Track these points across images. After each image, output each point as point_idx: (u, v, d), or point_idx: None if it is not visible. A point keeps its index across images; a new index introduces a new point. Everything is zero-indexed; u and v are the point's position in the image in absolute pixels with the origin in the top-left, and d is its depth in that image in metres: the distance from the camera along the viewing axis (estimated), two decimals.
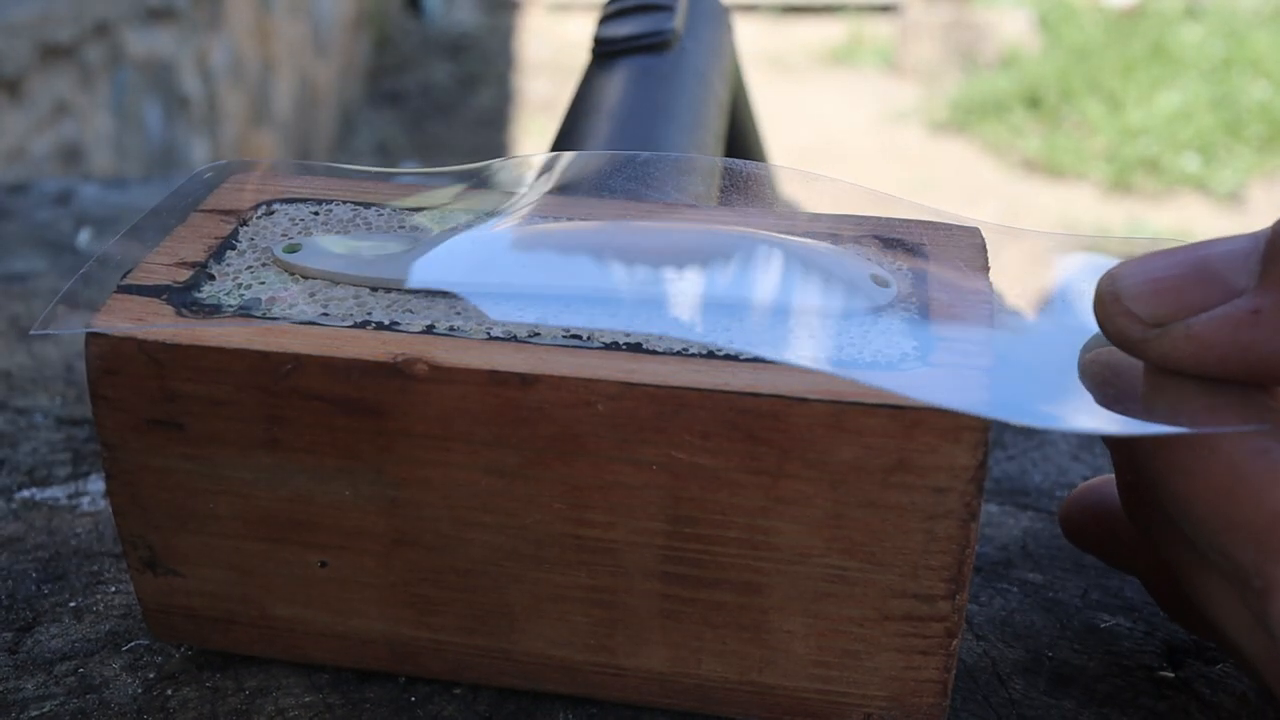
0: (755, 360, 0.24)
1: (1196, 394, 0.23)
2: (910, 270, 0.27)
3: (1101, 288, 0.24)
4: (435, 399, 0.24)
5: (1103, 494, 0.29)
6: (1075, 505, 0.30)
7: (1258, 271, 0.22)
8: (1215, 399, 0.22)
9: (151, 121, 1.74)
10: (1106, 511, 0.29)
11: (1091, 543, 0.30)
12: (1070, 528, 0.30)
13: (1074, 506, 0.30)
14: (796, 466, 0.23)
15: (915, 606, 0.24)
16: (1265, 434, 0.22)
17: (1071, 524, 0.30)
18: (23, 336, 0.44)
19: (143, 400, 0.25)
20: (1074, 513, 0.30)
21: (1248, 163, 3.02)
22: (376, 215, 0.29)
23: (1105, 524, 0.29)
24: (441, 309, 0.25)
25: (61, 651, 0.29)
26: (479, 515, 0.25)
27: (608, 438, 0.23)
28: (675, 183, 0.33)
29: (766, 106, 0.57)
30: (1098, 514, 0.29)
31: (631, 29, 0.42)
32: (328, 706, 0.27)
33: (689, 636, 0.26)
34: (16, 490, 0.35)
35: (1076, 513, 0.29)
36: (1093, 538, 0.29)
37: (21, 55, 1.26)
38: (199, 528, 0.26)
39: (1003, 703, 0.28)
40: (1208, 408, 0.22)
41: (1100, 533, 0.29)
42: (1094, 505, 0.29)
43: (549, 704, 0.27)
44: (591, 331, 0.25)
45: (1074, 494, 0.30)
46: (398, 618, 0.27)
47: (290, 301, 0.25)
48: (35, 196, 0.57)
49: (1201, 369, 0.23)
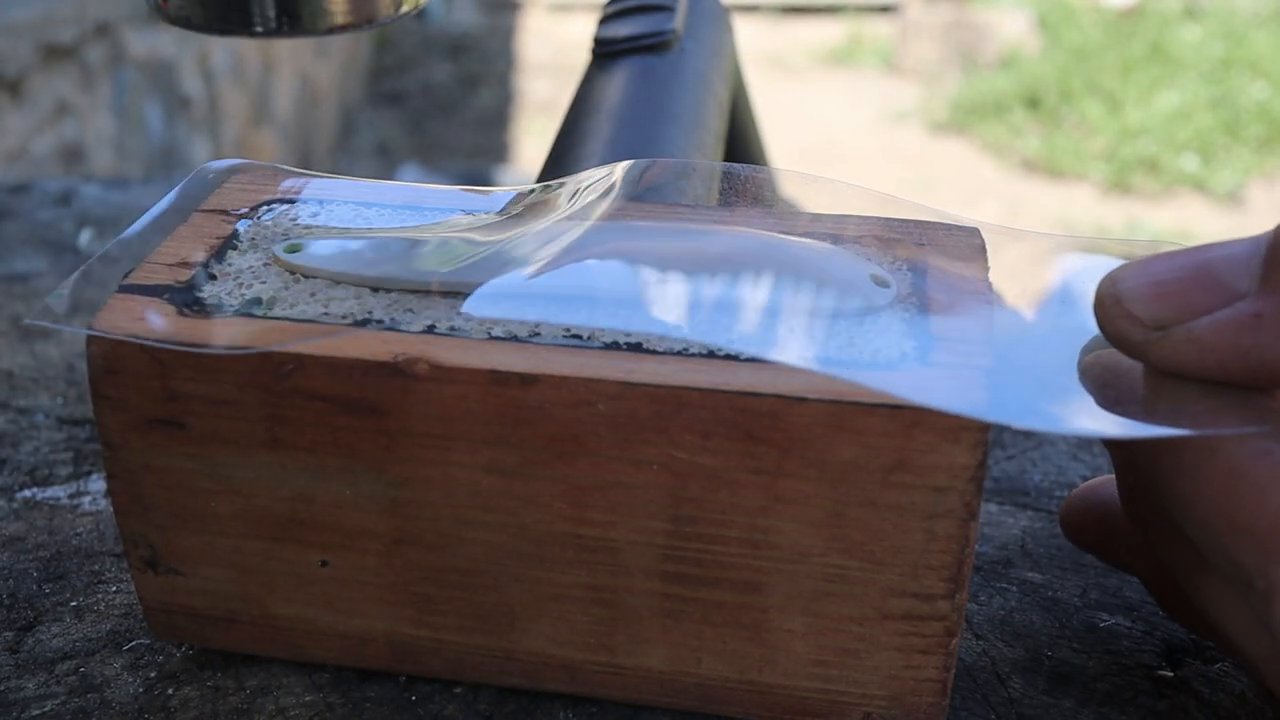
0: (755, 360, 0.24)
1: (1197, 396, 0.23)
2: (910, 270, 0.27)
3: (1102, 290, 0.24)
4: (436, 398, 0.24)
5: (1103, 494, 0.29)
6: (1075, 505, 0.30)
7: (1259, 275, 0.22)
8: (1216, 401, 0.23)
9: (152, 122, 1.74)
10: (1107, 511, 0.29)
11: (1091, 542, 0.30)
12: (1070, 527, 0.30)
13: (1074, 506, 0.30)
14: (796, 466, 0.23)
15: (915, 606, 0.24)
16: (1267, 436, 0.22)
17: (1071, 524, 0.30)
18: (24, 336, 0.44)
19: (144, 400, 0.25)
20: (1074, 512, 0.30)
21: (1246, 163, 3.02)
22: (377, 215, 0.29)
23: (1105, 524, 0.29)
24: (442, 309, 0.25)
25: (62, 651, 0.29)
26: (480, 514, 0.25)
27: (608, 437, 0.24)
28: (674, 184, 0.33)
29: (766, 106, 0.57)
30: (1098, 514, 0.29)
31: (632, 29, 0.42)
32: (328, 706, 0.27)
33: (689, 635, 0.26)
34: (18, 490, 0.35)
35: (1077, 512, 0.30)
36: (1093, 537, 0.30)
37: (23, 55, 1.26)
38: (200, 527, 0.26)
39: (1002, 702, 0.28)
40: (1209, 410, 0.22)
41: (1100, 533, 0.29)
42: (1094, 505, 0.29)
43: (549, 703, 0.27)
44: (592, 331, 0.25)
45: (1074, 494, 0.30)
46: (398, 617, 0.27)
47: (291, 301, 0.25)
48: (36, 196, 0.57)
49: (1202, 372, 0.23)
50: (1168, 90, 3.40)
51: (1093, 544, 0.30)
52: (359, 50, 3.53)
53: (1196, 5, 4.08)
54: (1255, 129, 3.17)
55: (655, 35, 0.41)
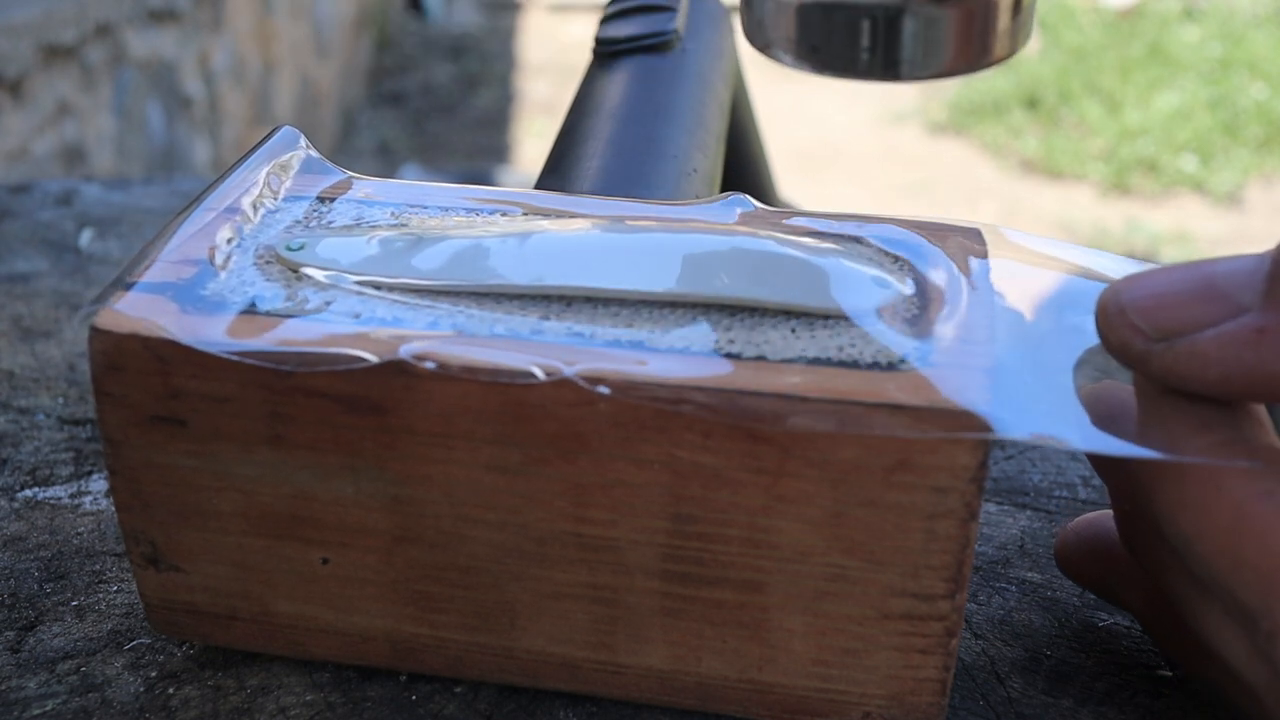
0: (757, 359, 0.24)
1: (1192, 430, 0.23)
2: (911, 271, 0.27)
3: (1105, 299, 0.24)
4: (438, 396, 0.24)
5: (1098, 528, 0.29)
6: (1071, 540, 0.29)
7: (1263, 290, 0.22)
8: (1212, 437, 0.23)
9: (153, 122, 1.74)
10: (1103, 545, 0.29)
11: (1088, 577, 0.30)
12: (1067, 563, 0.30)
13: (1069, 542, 0.29)
14: (797, 465, 0.23)
15: (915, 605, 0.24)
16: (1270, 476, 0.22)
17: (1069, 560, 0.30)
18: (25, 336, 0.44)
19: (146, 397, 0.25)
20: (1070, 548, 0.29)
21: (1245, 163, 3.02)
22: (380, 214, 0.29)
23: (1101, 558, 0.29)
24: (444, 307, 0.25)
25: (64, 650, 0.29)
26: (481, 513, 0.25)
27: (610, 436, 0.24)
28: (676, 184, 0.33)
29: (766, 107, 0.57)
30: (1094, 548, 0.29)
31: (633, 29, 0.42)
32: (329, 705, 0.27)
33: (689, 634, 0.26)
34: (19, 490, 0.35)
35: (1073, 548, 0.29)
36: (1089, 571, 0.29)
37: (24, 56, 1.26)
38: (201, 524, 0.26)
39: (1001, 701, 0.28)
40: (1206, 445, 0.22)
41: (1097, 567, 0.29)
42: (1089, 539, 0.29)
43: (549, 702, 0.28)
44: (594, 330, 0.25)
45: (1069, 529, 0.30)
46: (399, 615, 0.27)
47: (294, 300, 0.25)
48: (37, 197, 0.57)
49: (1203, 385, 0.23)
50: (1167, 91, 3.40)
51: (1089, 579, 0.30)
52: (360, 51, 3.53)
53: (1195, 6, 4.08)
54: (1254, 129, 3.17)
55: (656, 35, 0.41)
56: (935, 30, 0.23)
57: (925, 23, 0.23)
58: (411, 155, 3.05)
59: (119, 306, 0.25)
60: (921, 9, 0.23)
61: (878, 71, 0.24)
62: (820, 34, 0.24)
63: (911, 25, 0.23)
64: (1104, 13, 4.11)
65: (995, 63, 0.25)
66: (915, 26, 0.23)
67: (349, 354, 0.24)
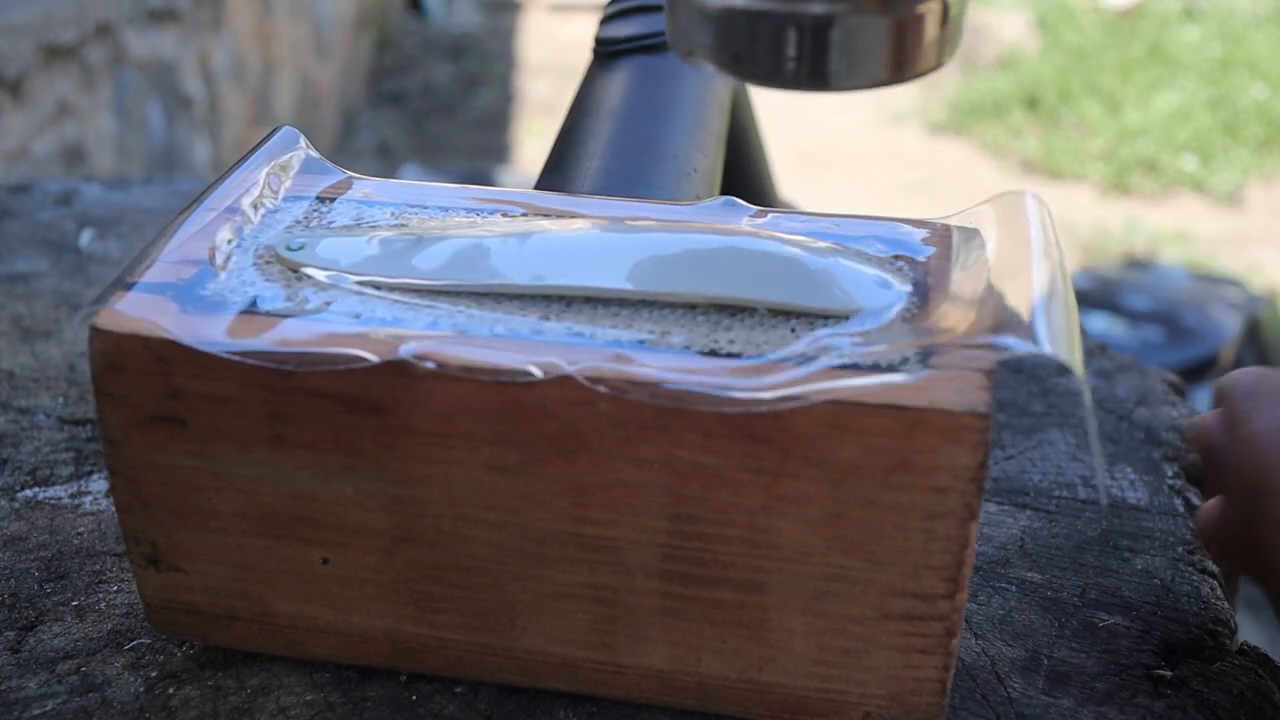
0: (757, 359, 0.24)
1: None
2: (913, 271, 0.27)
3: None
4: (438, 397, 0.24)
5: None
6: None
7: None
8: None
9: (153, 122, 1.74)
10: None
11: None
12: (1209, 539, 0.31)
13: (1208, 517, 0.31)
14: (797, 466, 0.23)
15: (915, 605, 0.24)
16: None
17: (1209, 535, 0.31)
18: (25, 336, 0.44)
19: (146, 397, 0.25)
20: None
21: (1245, 163, 3.02)
22: (380, 214, 0.29)
23: None
24: (444, 307, 0.25)
25: (64, 650, 0.29)
26: (481, 513, 0.25)
27: (610, 436, 0.24)
28: (676, 184, 0.33)
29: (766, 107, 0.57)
30: None
31: (633, 29, 0.42)
32: (329, 705, 0.27)
33: (689, 634, 0.26)
34: (19, 490, 0.35)
35: None
36: None
37: (24, 56, 1.26)
38: (201, 524, 0.26)
39: (1001, 701, 0.28)
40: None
41: None
42: None
43: (549, 702, 0.28)
44: (594, 330, 0.25)
45: None
46: (399, 614, 0.27)
47: (294, 299, 0.25)
48: (37, 197, 0.57)
49: None
50: (1167, 91, 3.40)
51: None
52: (360, 51, 3.53)
53: (1195, 6, 4.08)
54: (1254, 129, 3.17)
55: (656, 35, 0.41)
56: (863, 40, 0.23)
57: (853, 33, 0.22)
58: (411, 155, 3.05)
59: (119, 306, 0.25)
60: (849, 19, 0.22)
61: (804, 82, 0.23)
62: (743, 42, 0.23)
63: (839, 35, 0.22)
64: (1104, 13, 4.11)
65: (923, 73, 0.24)
66: (843, 36, 0.22)
67: (349, 354, 0.24)
